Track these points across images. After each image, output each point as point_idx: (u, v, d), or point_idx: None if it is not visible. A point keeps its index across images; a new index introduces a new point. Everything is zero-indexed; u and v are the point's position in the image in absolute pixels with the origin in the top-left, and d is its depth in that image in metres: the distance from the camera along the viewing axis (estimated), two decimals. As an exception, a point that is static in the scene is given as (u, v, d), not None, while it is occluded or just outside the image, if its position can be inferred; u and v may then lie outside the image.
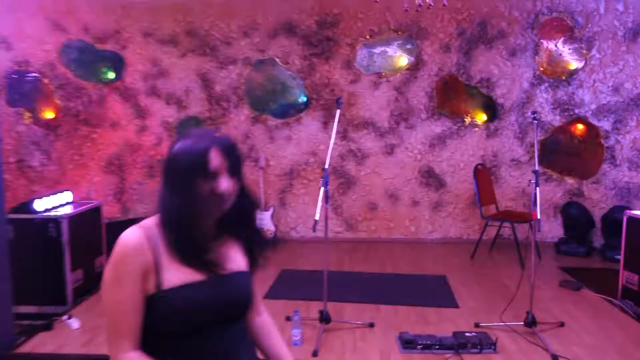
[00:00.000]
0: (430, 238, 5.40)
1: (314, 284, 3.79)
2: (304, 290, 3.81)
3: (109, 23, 5.18)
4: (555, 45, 5.11)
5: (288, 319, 3.21)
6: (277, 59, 5.28)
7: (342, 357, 2.77)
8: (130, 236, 1.17)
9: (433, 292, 3.87)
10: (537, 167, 3.09)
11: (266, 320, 1.45)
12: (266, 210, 5.13)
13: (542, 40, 5.12)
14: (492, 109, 5.26)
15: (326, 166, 3.06)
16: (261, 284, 3.99)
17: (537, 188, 2.99)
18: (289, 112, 5.35)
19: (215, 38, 5.25)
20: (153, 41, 5.25)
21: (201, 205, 1.18)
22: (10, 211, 3.53)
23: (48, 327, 3.20)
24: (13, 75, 5.10)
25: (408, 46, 5.24)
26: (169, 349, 1.18)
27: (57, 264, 3.54)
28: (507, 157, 5.29)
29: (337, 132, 3.53)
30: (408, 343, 2.89)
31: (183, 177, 1.16)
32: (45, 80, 5.16)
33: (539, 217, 2.95)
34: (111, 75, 5.27)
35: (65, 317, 3.32)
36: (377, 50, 5.25)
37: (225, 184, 1.17)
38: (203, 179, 1.16)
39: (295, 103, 5.34)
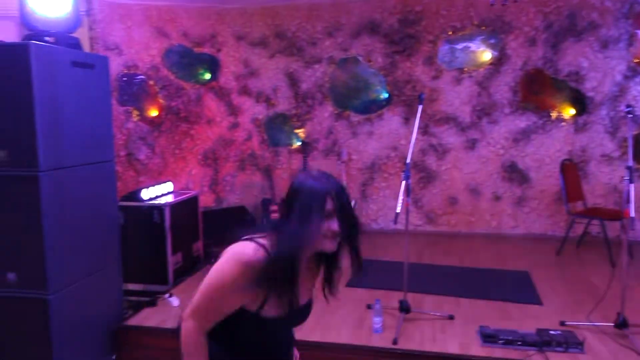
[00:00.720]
0: (513, 233, 5.37)
1: (394, 275, 3.96)
2: (384, 280, 3.98)
3: (205, 28, 5.62)
4: (653, 35, 4.85)
5: (369, 307, 3.41)
6: (359, 57, 5.47)
7: (421, 346, 2.88)
8: (257, 257, 1.31)
9: (515, 287, 3.88)
10: (630, 163, 2.95)
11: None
12: (348, 202, 5.35)
13: (637, 31, 4.88)
14: (581, 103, 5.10)
15: (408, 160, 3.17)
16: (345, 273, 4.23)
17: (631, 185, 2.86)
18: (371, 108, 5.52)
19: (302, 39, 5.53)
20: (245, 44, 5.63)
21: (314, 241, 1.34)
22: (121, 199, 4.00)
23: (152, 304, 3.56)
24: (123, 78, 5.68)
25: (491, 41, 5.21)
26: (239, 344, 1.44)
27: (160, 247, 3.97)
28: (596, 153, 5.11)
29: (419, 127, 3.64)
30: (489, 337, 2.92)
31: (307, 212, 1.32)
32: (151, 82, 5.71)
33: (632, 215, 2.81)
34: (207, 76, 5.73)
35: (167, 295, 3.67)
36: (460, 46, 5.27)
37: (335, 225, 1.34)
38: (321, 217, 1.33)
39: (377, 99, 5.50)
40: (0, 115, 2.57)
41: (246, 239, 1.38)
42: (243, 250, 1.34)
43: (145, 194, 4.12)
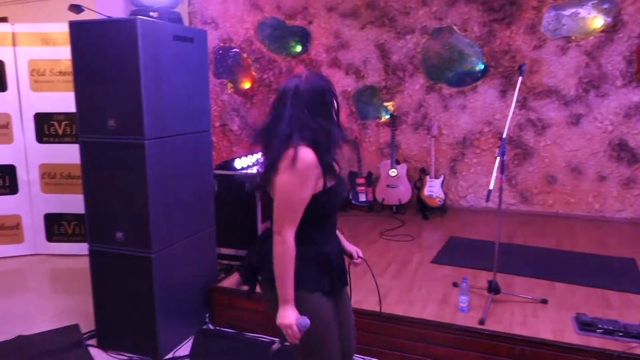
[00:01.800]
0: (618, 217, 4.96)
1: (482, 254, 3.84)
2: (472, 258, 3.87)
3: (298, 1, 5.64)
4: None
5: (455, 285, 3.34)
6: (455, 27, 5.22)
7: (509, 328, 2.78)
8: (309, 156, 1.65)
9: (618, 274, 3.60)
10: None
11: None
12: (437, 177, 5.22)
13: None
14: None
15: (504, 135, 3.01)
16: (429, 249, 4.17)
17: None
18: (465, 80, 5.29)
19: (394, 9, 5.38)
20: (336, 15, 5.59)
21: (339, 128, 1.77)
22: (215, 168, 4.21)
23: (242, 268, 3.79)
24: (219, 51, 5.90)
25: (604, 6, 4.73)
26: (313, 226, 1.78)
27: (250, 214, 4.11)
28: None
29: (517, 101, 3.42)
30: (586, 325, 2.76)
31: (324, 97, 1.72)
32: (244, 55, 5.88)
33: None
34: (298, 48, 5.78)
35: (257, 260, 3.88)
36: (567, 12, 4.85)
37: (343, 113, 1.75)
38: (335, 97, 1.77)
39: (472, 71, 5.25)
40: (110, 86, 2.78)
41: (288, 147, 1.65)
42: (297, 156, 1.62)
43: (238, 163, 4.30)
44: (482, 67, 5.21)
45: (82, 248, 4.26)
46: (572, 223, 4.91)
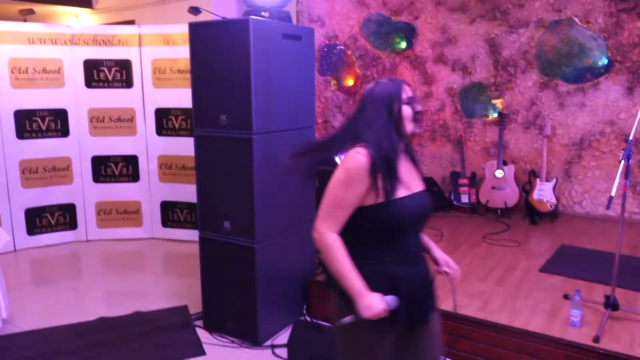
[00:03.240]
0: None
1: (599, 265, 3.54)
2: (586, 270, 3.57)
3: (404, -4, 5.56)
4: None
5: (566, 297, 3.10)
6: (575, 18, 4.83)
7: (630, 349, 2.53)
8: (361, 159, 1.57)
9: None
10: None
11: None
12: (548, 181, 4.88)
13: None
14: None
15: (631, 137, 2.74)
16: (537, 256, 3.92)
17: None
18: (585, 76, 4.87)
19: (507, 1, 5.10)
20: (443, 9, 5.42)
21: (405, 124, 1.64)
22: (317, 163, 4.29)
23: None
24: (324, 49, 5.99)
25: None
26: (380, 243, 1.64)
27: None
28: None
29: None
30: None
31: (390, 104, 1.63)
32: (349, 52, 5.92)
33: None
34: (403, 44, 5.70)
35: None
36: None
37: (420, 106, 1.66)
38: (405, 104, 1.63)
39: (594, 66, 4.82)
40: (223, 84, 2.94)
41: (353, 147, 1.62)
42: (349, 155, 1.60)
43: (338, 159, 4.35)
44: (605, 61, 4.77)
45: (193, 234, 4.59)
46: None
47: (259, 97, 2.88)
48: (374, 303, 1.55)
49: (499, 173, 5.05)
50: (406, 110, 1.63)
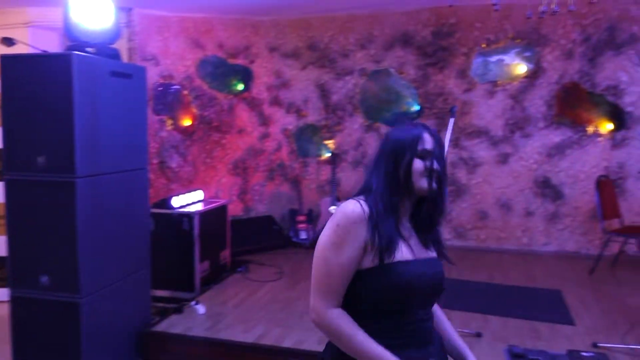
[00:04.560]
0: (545, 250, 5.23)
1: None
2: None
3: (240, 40, 5.72)
4: (697, 49, 4.69)
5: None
6: (392, 69, 5.47)
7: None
8: (354, 209, 1.31)
9: (546, 306, 3.79)
10: None
11: (437, 306, 1.54)
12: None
13: (680, 45, 4.73)
14: (619, 118, 4.96)
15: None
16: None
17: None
18: (402, 120, 5.50)
19: (334, 51, 5.57)
20: (277, 55, 5.71)
21: (414, 180, 1.34)
22: (152, 206, 4.09)
23: (178, 311, 3.59)
24: (159, 88, 5.82)
25: (527, 54, 5.13)
26: (379, 320, 1.33)
27: (188, 254, 4.02)
28: (634, 169, 4.95)
29: (450, 140, 3.60)
30: (517, 357, 2.84)
31: (398, 153, 1.36)
32: (185, 92, 5.84)
33: None
34: (240, 86, 5.83)
35: (193, 302, 3.70)
36: (493, 58, 5.21)
37: (437, 164, 1.35)
38: (418, 157, 1.34)
39: (408, 112, 5.48)
40: (41, 121, 2.67)
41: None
42: (341, 208, 1.34)
43: (176, 201, 4.20)
44: (417, 108, 5.45)
45: (2, 294, 3.97)
46: (502, 257, 5.13)
47: (83, 137, 2.68)
48: None
49: (333, 209, 5.37)
50: (417, 165, 1.34)
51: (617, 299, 3.93)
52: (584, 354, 2.84)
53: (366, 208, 1.32)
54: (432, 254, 1.42)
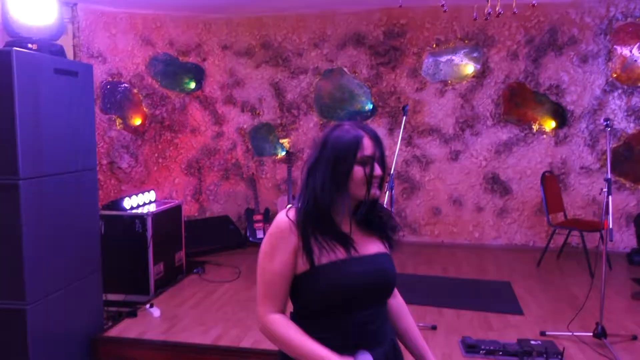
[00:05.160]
0: (495, 244, 5.42)
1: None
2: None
3: (191, 38, 5.62)
4: (630, 51, 4.98)
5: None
6: (345, 69, 5.51)
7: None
8: (283, 219, 1.34)
9: (497, 298, 3.92)
10: (609, 175, 3.01)
11: (400, 302, 1.54)
12: (332, 213, 5.36)
13: (615, 47, 5.01)
14: (562, 116, 5.20)
15: (391, 171, 3.21)
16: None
17: (609, 196, 2.93)
18: (356, 119, 5.56)
19: (288, 49, 5.56)
20: (230, 53, 5.64)
21: (352, 187, 1.32)
22: (102, 208, 3.97)
23: (132, 314, 3.50)
24: (107, 86, 5.64)
25: (474, 54, 5.30)
26: (322, 326, 1.33)
27: (141, 257, 3.92)
28: (576, 165, 5.21)
29: (402, 139, 3.70)
30: (471, 347, 2.95)
31: (337, 161, 1.31)
32: (135, 90, 5.67)
33: (610, 226, 2.89)
34: (192, 85, 5.72)
35: (147, 305, 3.61)
36: (443, 58, 5.35)
37: (379, 170, 1.33)
38: (357, 164, 1.31)
39: (362, 110, 5.55)
40: (-20, 122, 2.53)
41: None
42: (275, 219, 1.36)
43: (127, 202, 4.09)
44: (371, 106, 5.52)
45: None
46: (455, 251, 5.28)
47: (25, 136, 2.56)
48: None
49: (289, 208, 5.36)
50: (357, 172, 1.31)
51: (563, 288, 4.12)
52: (533, 342, 2.97)
53: (293, 216, 1.33)
54: (381, 249, 1.40)
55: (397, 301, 1.53)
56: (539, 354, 2.84)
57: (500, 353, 2.88)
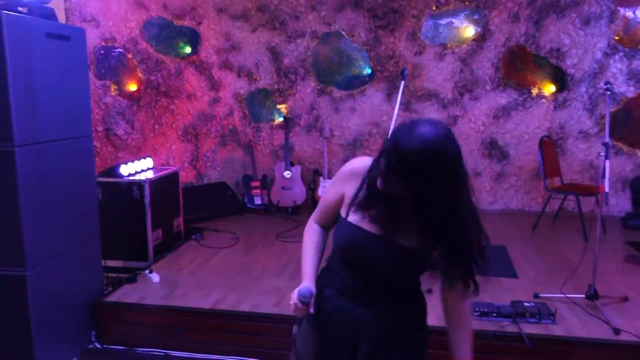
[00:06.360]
0: (491, 209, 5.46)
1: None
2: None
3: (186, 0, 5.48)
4: (634, 13, 4.89)
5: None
6: (343, 32, 5.41)
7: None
8: (356, 164, 1.47)
9: (492, 261, 3.91)
10: (607, 139, 2.98)
11: (461, 311, 1.56)
12: (330, 178, 5.37)
13: (619, 8, 4.91)
14: (561, 80, 5.15)
15: (389, 137, 3.18)
16: (327, 248, 4.27)
17: (607, 161, 2.91)
18: (354, 84, 5.50)
19: (285, 12, 5.44)
20: (226, 17, 5.52)
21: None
22: (99, 175, 3.96)
23: (132, 280, 3.54)
24: (101, 51, 5.54)
25: (475, 17, 5.19)
26: (333, 261, 1.55)
27: (140, 223, 3.94)
28: (575, 129, 5.19)
29: (401, 104, 3.65)
30: (466, 309, 3.01)
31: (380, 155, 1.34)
32: (129, 55, 5.58)
33: (607, 190, 2.89)
34: (187, 49, 5.62)
35: (147, 271, 3.65)
36: (443, 21, 5.24)
37: (379, 182, 1.32)
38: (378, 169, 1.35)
39: (360, 75, 5.47)
40: (-28, 88, 2.49)
41: None
42: (356, 158, 1.50)
43: (125, 169, 4.08)
44: (369, 71, 5.45)
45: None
46: (453, 216, 5.29)
47: (19, 102, 2.53)
48: (292, 294, 1.46)
49: (287, 174, 5.36)
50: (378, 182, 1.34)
51: (557, 252, 4.17)
52: (526, 304, 3.03)
53: (363, 168, 1.40)
54: (401, 240, 1.37)
55: (460, 306, 1.55)
56: (531, 315, 2.91)
57: (494, 315, 2.94)
